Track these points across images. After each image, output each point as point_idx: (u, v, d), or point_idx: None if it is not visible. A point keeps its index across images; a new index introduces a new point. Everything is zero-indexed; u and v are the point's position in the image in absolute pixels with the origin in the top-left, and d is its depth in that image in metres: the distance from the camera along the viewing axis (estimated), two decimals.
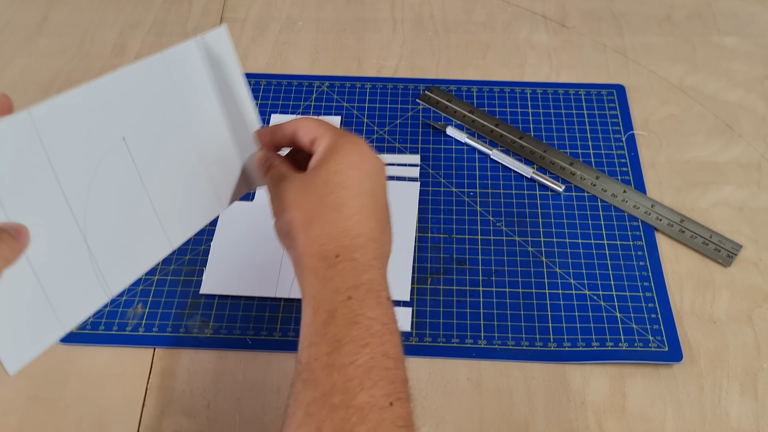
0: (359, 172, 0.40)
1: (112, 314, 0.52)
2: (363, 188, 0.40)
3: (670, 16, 0.74)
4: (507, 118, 0.64)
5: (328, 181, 0.40)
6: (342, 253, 0.38)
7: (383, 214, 0.41)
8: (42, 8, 0.75)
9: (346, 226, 0.38)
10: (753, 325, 0.52)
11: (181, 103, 0.40)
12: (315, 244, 0.39)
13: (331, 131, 0.42)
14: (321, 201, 0.39)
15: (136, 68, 0.38)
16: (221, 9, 0.75)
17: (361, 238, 0.38)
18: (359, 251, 0.38)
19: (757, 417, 0.47)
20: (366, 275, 0.37)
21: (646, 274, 0.54)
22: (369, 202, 0.40)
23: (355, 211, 0.39)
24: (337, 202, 0.39)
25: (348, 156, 0.41)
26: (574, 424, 0.47)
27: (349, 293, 0.37)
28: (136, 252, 0.39)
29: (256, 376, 0.49)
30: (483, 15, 0.74)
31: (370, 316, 0.36)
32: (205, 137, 0.42)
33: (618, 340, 0.51)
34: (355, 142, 0.41)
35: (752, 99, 0.66)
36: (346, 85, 0.67)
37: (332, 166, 0.40)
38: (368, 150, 0.42)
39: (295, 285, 0.53)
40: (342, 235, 0.38)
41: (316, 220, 0.39)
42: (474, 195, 0.59)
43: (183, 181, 0.41)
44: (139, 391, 0.49)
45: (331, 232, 0.38)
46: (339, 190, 0.39)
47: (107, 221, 0.37)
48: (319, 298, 0.37)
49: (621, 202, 0.58)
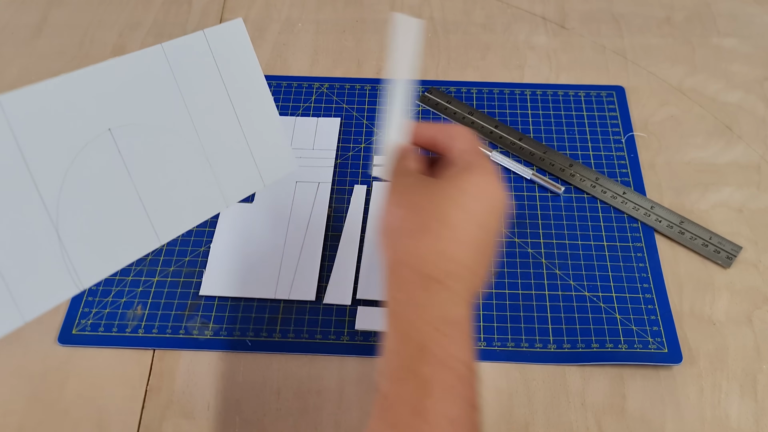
0: (482, 201, 0.39)
1: (111, 315, 0.52)
2: (480, 218, 0.38)
3: (669, 18, 0.74)
4: (507, 120, 0.64)
5: (454, 197, 0.39)
6: (443, 281, 0.37)
7: (486, 249, 0.39)
8: (41, 9, 0.75)
9: (449, 248, 0.37)
10: (753, 327, 0.52)
11: (182, 96, 0.40)
12: (416, 257, 0.37)
13: (478, 152, 0.41)
14: (439, 215, 0.38)
15: (130, 59, 0.38)
16: (221, 10, 0.75)
17: (458, 264, 0.37)
18: (454, 279, 0.37)
19: (756, 418, 0.47)
20: (458, 309, 0.36)
21: (645, 275, 0.54)
22: (479, 233, 0.38)
23: (471, 240, 0.38)
24: (453, 222, 0.38)
25: (480, 182, 0.39)
26: (573, 426, 0.47)
27: (442, 328, 0.35)
28: (117, 244, 0.38)
29: (255, 377, 0.49)
30: (482, 16, 0.74)
31: (460, 358, 0.35)
32: (210, 131, 0.41)
33: (618, 341, 0.51)
34: (489, 171, 0.40)
35: (752, 100, 0.66)
36: (345, 87, 0.67)
37: (463, 184, 0.39)
38: (497, 182, 0.40)
39: (294, 286, 0.53)
40: (449, 262, 0.37)
41: (427, 231, 0.38)
42: None
43: (179, 175, 0.40)
44: (139, 393, 0.49)
45: (435, 249, 0.37)
46: (460, 210, 0.38)
47: (85, 212, 0.37)
48: (409, 324, 0.36)
49: (620, 203, 0.58)
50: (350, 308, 0.52)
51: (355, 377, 0.49)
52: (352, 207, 0.58)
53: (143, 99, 0.38)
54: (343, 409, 0.48)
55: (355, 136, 0.63)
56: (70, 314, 0.52)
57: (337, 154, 0.62)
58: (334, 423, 0.47)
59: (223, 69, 0.42)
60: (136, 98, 0.38)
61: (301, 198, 0.58)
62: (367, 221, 0.57)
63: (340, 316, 0.52)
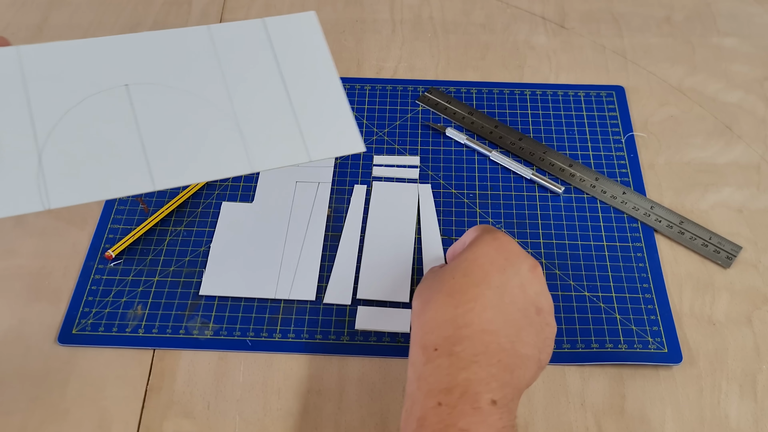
0: (490, 263, 0.38)
1: (112, 315, 0.52)
2: (488, 278, 0.38)
3: (669, 17, 0.74)
4: (506, 120, 0.64)
5: (455, 268, 0.39)
6: (441, 346, 0.36)
7: (513, 310, 0.37)
8: (42, 10, 0.75)
9: (454, 314, 0.36)
10: (752, 327, 0.52)
11: (222, 70, 0.43)
12: (420, 332, 0.37)
13: (482, 229, 0.42)
14: (439, 286, 0.38)
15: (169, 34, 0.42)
16: (221, 10, 0.75)
17: (468, 329, 0.36)
18: (462, 344, 0.35)
19: (756, 419, 0.48)
20: (464, 374, 0.35)
21: (645, 275, 0.54)
22: (492, 293, 0.37)
23: (469, 299, 0.37)
24: (454, 289, 0.37)
25: (483, 247, 0.39)
26: (573, 426, 0.47)
27: (439, 398, 0.34)
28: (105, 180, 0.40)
29: (256, 377, 0.50)
30: (482, 16, 0.74)
31: (462, 427, 0.33)
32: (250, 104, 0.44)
33: (617, 341, 0.51)
34: (496, 237, 0.40)
35: (752, 100, 0.66)
36: (345, 87, 0.67)
37: (465, 254, 0.39)
38: (511, 246, 0.40)
39: (295, 286, 0.53)
40: (446, 324, 0.36)
41: (429, 305, 0.38)
42: (473, 196, 0.59)
43: (198, 134, 0.42)
44: (139, 393, 0.49)
45: (437, 319, 0.36)
46: (460, 276, 0.38)
47: (78, 145, 0.40)
48: (412, 399, 0.36)
49: (620, 203, 0.58)
50: (350, 308, 0.52)
51: (355, 377, 0.50)
52: (352, 207, 0.58)
53: (174, 66, 0.42)
54: (343, 409, 0.48)
55: None
56: (70, 314, 0.52)
57: None
58: (334, 423, 0.48)
59: (281, 53, 0.45)
60: (167, 65, 0.42)
61: (301, 198, 0.58)
62: (367, 221, 0.57)
63: (340, 316, 0.52)
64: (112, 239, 0.56)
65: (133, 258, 0.55)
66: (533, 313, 0.38)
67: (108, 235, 0.56)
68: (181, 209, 0.58)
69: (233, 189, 0.59)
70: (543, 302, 0.40)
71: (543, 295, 0.40)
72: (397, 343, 0.51)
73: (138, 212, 0.58)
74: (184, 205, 0.58)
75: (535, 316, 0.39)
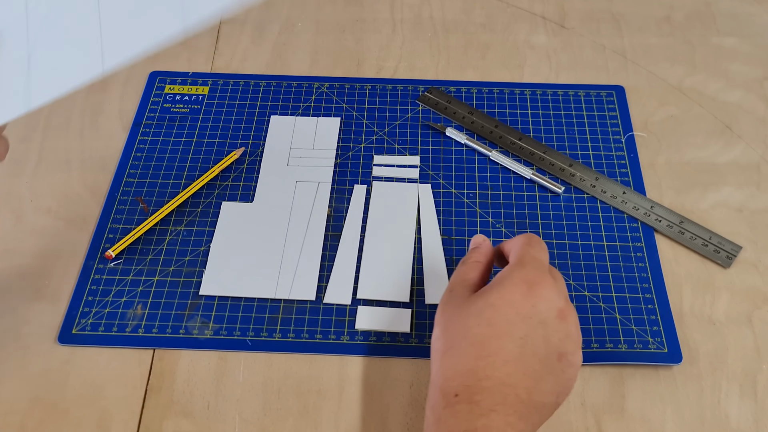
0: (515, 312, 0.38)
1: (111, 315, 0.52)
2: (512, 330, 0.38)
3: (669, 17, 0.74)
4: (506, 120, 0.64)
5: (480, 312, 0.38)
6: (462, 394, 0.36)
7: (534, 361, 0.38)
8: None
9: (476, 366, 0.37)
10: (752, 327, 0.52)
11: None
12: (442, 377, 0.38)
13: (520, 259, 0.41)
14: (464, 332, 0.38)
15: None
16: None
17: (489, 381, 0.36)
18: (482, 395, 0.36)
19: (756, 418, 0.48)
20: (482, 420, 0.35)
21: (645, 275, 0.54)
22: (514, 346, 0.37)
23: (491, 352, 0.37)
24: (478, 339, 0.38)
25: (510, 291, 0.39)
26: (573, 426, 0.47)
27: None
28: None
29: (256, 377, 0.50)
30: (482, 16, 0.74)
31: None
32: None
33: (617, 341, 0.51)
34: (525, 279, 0.39)
35: (751, 100, 0.66)
36: (345, 87, 0.67)
37: (491, 297, 0.39)
38: (541, 290, 0.39)
39: (294, 286, 0.53)
40: (468, 374, 0.37)
41: (452, 351, 0.38)
42: (473, 196, 0.59)
43: None
44: (139, 392, 0.49)
45: (460, 369, 0.37)
46: (485, 325, 0.38)
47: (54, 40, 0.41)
48: None
49: (620, 203, 0.58)
50: (350, 308, 0.52)
51: (355, 377, 0.50)
52: (352, 207, 0.58)
53: None
54: (343, 408, 0.48)
55: (355, 136, 0.63)
56: (70, 314, 0.52)
57: (337, 154, 0.62)
58: (334, 423, 0.47)
59: None
60: None
61: (301, 198, 0.58)
62: (367, 221, 0.57)
63: (340, 315, 0.52)
64: (112, 239, 0.56)
65: (133, 258, 0.55)
66: (554, 360, 0.39)
67: (108, 234, 0.56)
68: (181, 209, 0.58)
69: (233, 189, 0.59)
70: (568, 346, 0.39)
71: (569, 338, 0.40)
72: (397, 343, 0.51)
73: (138, 212, 0.58)
74: (184, 205, 0.58)
75: (556, 362, 0.39)
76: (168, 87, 0.66)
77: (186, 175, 0.60)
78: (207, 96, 0.66)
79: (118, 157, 0.61)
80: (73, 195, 0.59)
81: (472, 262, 0.45)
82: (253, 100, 0.66)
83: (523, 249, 0.42)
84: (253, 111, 0.65)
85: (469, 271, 0.44)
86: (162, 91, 0.66)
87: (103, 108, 0.65)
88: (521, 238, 0.44)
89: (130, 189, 0.59)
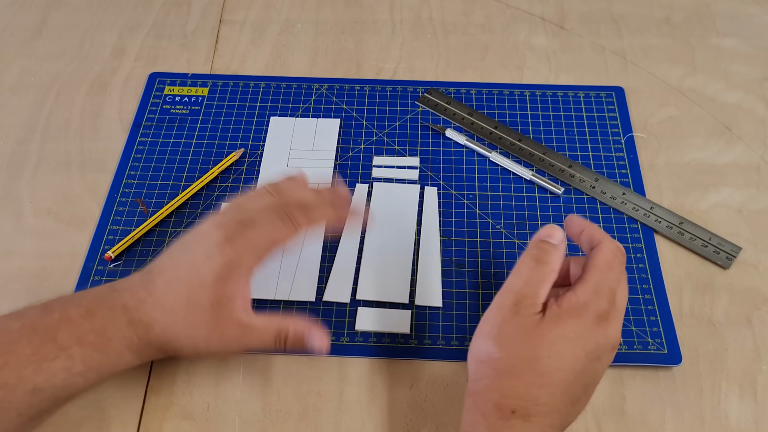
0: (582, 347, 0.39)
1: None
2: (576, 365, 0.39)
3: (668, 18, 0.74)
4: (506, 121, 0.64)
5: (552, 345, 0.39)
6: (518, 411, 0.38)
7: (578, 390, 0.40)
8: (41, 11, 0.75)
9: (537, 394, 0.38)
10: (752, 327, 0.52)
11: None
12: (499, 394, 0.39)
13: (597, 287, 0.40)
14: (532, 362, 0.38)
15: None
16: (220, 11, 0.75)
17: (546, 407, 0.38)
18: (538, 417, 0.38)
19: (756, 419, 0.48)
20: None
21: (645, 276, 0.54)
22: (573, 378, 0.39)
23: (553, 383, 0.38)
24: (544, 370, 0.38)
25: (583, 325, 0.39)
26: (573, 426, 0.47)
27: None
28: None
29: (256, 378, 0.50)
30: (482, 17, 0.74)
31: None
32: None
33: None
34: (598, 313, 0.39)
35: (751, 101, 0.66)
36: (345, 88, 0.67)
37: (567, 329, 0.39)
38: (607, 328, 0.40)
39: (294, 287, 0.53)
40: (528, 398, 0.38)
41: (514, 373, 0.39)
42: (473, 197, 0.59)
43: None
44: (139, 394, 0.49)
45: (520, 392, 0.38)
46: (554, 359, 0.38)
47: None
48: None
49: (620, 204, 0.58)
50: (350, 309, 0.52)
51: (355, 378, 0.50)
52: (352, 206, 0.58)
53: None
54: (343, 410, 0.48)
55: (354, 137, 0.63)
56: None
57: (337, 155, 0.62)
58: (334, 424, 0.47)
59: None
60: None
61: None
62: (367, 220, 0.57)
63: (339, 317, 0.52)
64: (112, 240, 0.56)
65: (133, 259, 0.55)
66: (591, 387, 0.41)
67: (107, 236, 0.56)
68: (180, 210, 0.58)
69: (233, 190, 0.59)
70: (602, 373, 0.42)
71: (607, 367, 0.42)
72: (397, 344, 0.51)
73: (138, 213, 0.58)
74: (184, 207, 0.58)
75: (592, 388, 0.41)
76: (168, 88, 0.66)
77: (185, 176, 0.60)
78: (206, 97, 0.66)
79: (118, 158, 0.61)
80: (73, 196, 0.59)
81: (548, 271, 0.41)
82: (253, 101, 0.66)
83: (603, 274, 0.41)
84: (253, 112, 0.65)
85: (541, 283, 0.41)
86: (162, 92, 0.66)
87: (102, 109, 0.65)
88: (606, 254, 0.42)
89: (130, 190, 0.59)
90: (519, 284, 0.41)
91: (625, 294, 0.42)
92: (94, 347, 0.42)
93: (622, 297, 0.42)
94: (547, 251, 0.42)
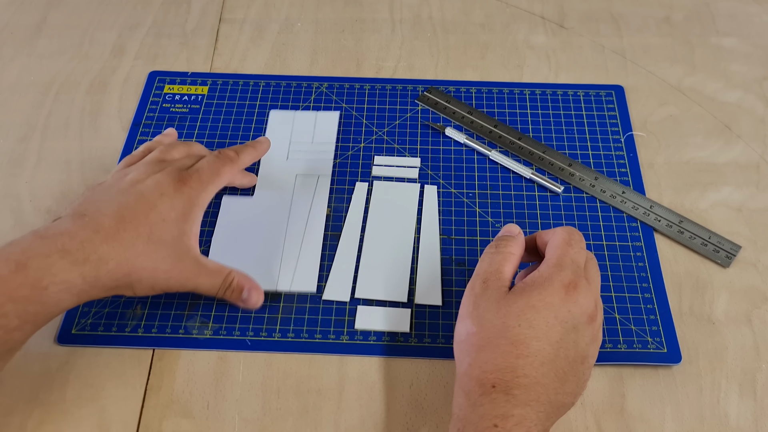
0: (554, 316, 0.40)
1: (111, 315, 0.52)
2: (550, 333, 0.39)
3: (668, 17, 0.74)
4: (506, 119, 0.64)
5: (521, 313, 0.40)
6: (499, 385, 0.38)
7: (564, 364, 0.40)
8: (41, 9, 0.75)
9: (515, 364, 0.39)
10: (752, 326, 0.52)
11: None
12: (479, 369, 0.39)
13: (559, 261, 0.42)
14: (504, 330, 0.39)
15: None
16: (220, 10, 0.75)
17: (526, 379, 0.38)
18: (519, 390, 0.38)
19: (756, 417, 0.48)
20: (518, 410, 0.38)
21: (644, 275, 0.54)
22: (551, 348, 0.39)
23: (531, 353, 0.39)
24: (518, 339, 0.39)
25: (551, 295, 0.40)
26: (573, 425, 0.47)
27: (495, 421, 0.37)
28: None
29: (255, 376, 0.50)
30: (481, 16, 0.74)
31: None
32: None
33: (617, 341, 0.51)
34: (564, 283, 0.41)
35: (751, 100, 0.66)
36: (344, 86, 0.67)
37: (532, 299, 0.40)
38: (578, 296, 0.41)
39: (296, 278, 0.53)
40: (506, 370, 0.38)
41: (490, 346, 0.39)
42: (473, 196, 0.59)
43: None
44: (139, 392, 0.49)
45: (498, 364, 0.39)
46: (526, 327, 0.39)
47: None
48: (465, 421, 0.38)
49: (620, 202, 0.58)
50: (350, 308, 0.52)
51: (354, 377, 0.50)
52: (353, 205, 0.58)
53: None
54: (343, 408, 0.48)
55: (354, 135, 0.63)
56: (70, 314, 0.52)
57: (336, 154, 0.62)
58: (334, 423, 0.47)
59: None
60: None
61: (301, 191, 0.58)
62: (367, 220, 0.57)
63: (339, 315, 0.52)
64: None
65: None
66: (579, 363, 0.41)
67: None
68: None
69: (233, 189, 0.59)
70: (591, 350, 0.42)
71: (593, 343, 0.42)
72: (397, 343, 0.51)
73: None
74: None
75: (580, 365, 0.41)
76: (167, 87, 0.66)
77: None
78: (206, 96, 0.66)
79: (118, 156, 0.61)
80: (73, 195, 0.59)
81: (507, 253, 0.45)
82: (253, 99, 0.66)
83: (562, 249, 0.43)
84: (253, 111, 0.65)
85: (503, 262, 0.44)
86: (161, 90, 0.66)
87: (102, 108, 0.65)
88: (561, 234, 0.44)
89: None
90: (484, 267, 0.44)
91: (596, 270, 0.44)
92: (29, 300, 0.41)
93: (593, 271, 0.44)
94: (506, 240, 0.46)
